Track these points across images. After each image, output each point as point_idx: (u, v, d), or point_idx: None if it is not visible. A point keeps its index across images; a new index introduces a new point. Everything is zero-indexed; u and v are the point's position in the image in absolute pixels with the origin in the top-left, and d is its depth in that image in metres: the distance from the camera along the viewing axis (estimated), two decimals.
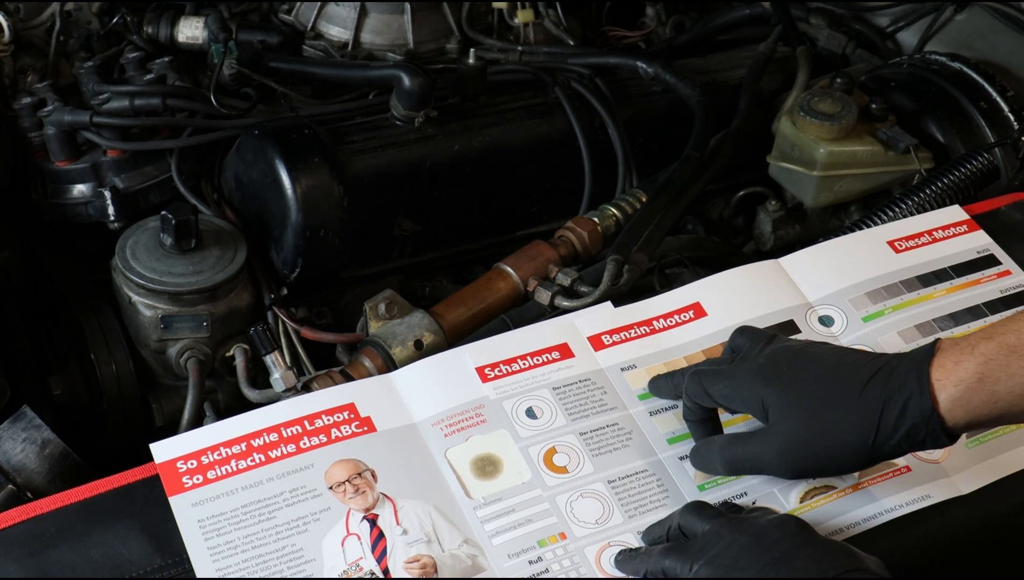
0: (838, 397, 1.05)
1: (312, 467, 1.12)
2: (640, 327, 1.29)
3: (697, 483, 1.15)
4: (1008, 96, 1.65)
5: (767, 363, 1.10)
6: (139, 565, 1.04)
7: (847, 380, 1.05)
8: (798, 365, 1.09)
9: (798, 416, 1.06)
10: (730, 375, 1.11)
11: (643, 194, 1.56)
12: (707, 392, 1.12)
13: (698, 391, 1.13)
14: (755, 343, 1.14)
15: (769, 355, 1.12)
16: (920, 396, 1.02)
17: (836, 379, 1.06)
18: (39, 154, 1.55)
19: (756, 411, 1.10)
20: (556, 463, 1.15)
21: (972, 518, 1.15)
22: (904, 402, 1.02)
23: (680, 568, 1.02)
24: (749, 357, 1.13)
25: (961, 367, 1.02)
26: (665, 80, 1.68)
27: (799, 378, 1.08)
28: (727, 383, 1.11)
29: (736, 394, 1.10)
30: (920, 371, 1.03)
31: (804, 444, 1.06)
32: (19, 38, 1.63)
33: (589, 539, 1.10)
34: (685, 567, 1.02)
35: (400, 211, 1.53)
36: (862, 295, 1.33)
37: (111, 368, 1.43)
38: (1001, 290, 1.36)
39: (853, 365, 1.07)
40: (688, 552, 1.03)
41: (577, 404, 1.21)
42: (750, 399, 1.09)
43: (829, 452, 1.05)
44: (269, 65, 1.61)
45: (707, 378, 1.13)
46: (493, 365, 1.23)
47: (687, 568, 1.02)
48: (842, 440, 1.05)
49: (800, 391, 1.07)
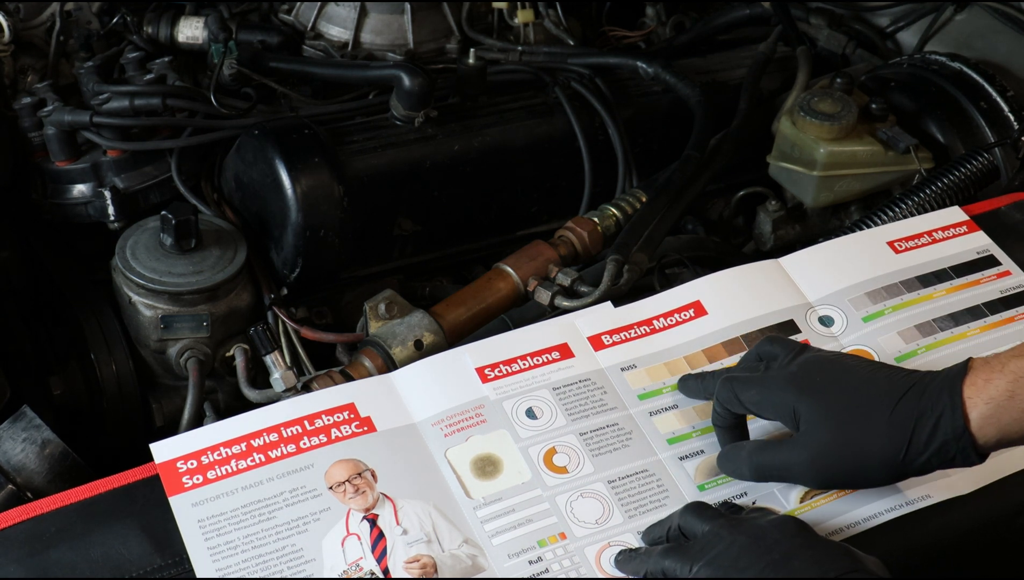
0: (871, 411, 1.05)
1: (312, 467, 1.12)
2: (640, 327, 1.29)
3: (697, 483, 1.16)
4: (1008, 96, 1.65)
5: (800, 372, 1.11)
6: (139, 565, 1.04)
7: (881, 394, 1.06)
8: (831, 376, 1.09)
9: (830, 427, 1.06)
10: (762, 383, 1.12)
11: (643, 194, 1.56)
12: (738, 398, 1.12)
13: (729, 397, 1.13)
14: (786, 352, 1.15)
15: (802, 364, 1.12)
16: (952, 413, 1.02)
17: (869, 393, 1.07)
18: (39, 154, 1.55)
19: (787, 419, 1.10)
20: (556, 463, 1.15)
21: (972, 518, 1.15)
22: (936, 419, 1.03)
23: (680, 568, 1.02)
24: (781, 365, 1.13)
25: (992, 385, 1.02)
26: (665, 80, 1.68)
27: (832, 389, 1.08)
28: (759, 390, 1.11)
29: (768, 401, 1.11)
30: (953, 389, 1.03)
31: (835, 455, 1.06)
32: (19, 38, 1.63)
33: (589, 539, 1.10)
34: (685, 567, 1.02)
35: (400, 211, 1.53)
36: (862, 295, 1.33)
37: (111, 368, 1.43)
38: (1001, 290, 1.36)
39: (886, 380, 1.08)
40: (688, 553, 1.03)
41: (577, 404, 1.21)
42: (782, 407, 1.09)
43: (859, 465, 1.06)
44: (269, 65, 1.61)
45: (739, 384, 1.13)
46: (493, 365, 1.23)
47: (687, 568, 1.02)
48: (873, 453, 1.05)
49: (833, 402, 1.07)
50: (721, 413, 1.15)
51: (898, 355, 1.28)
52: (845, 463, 1.07)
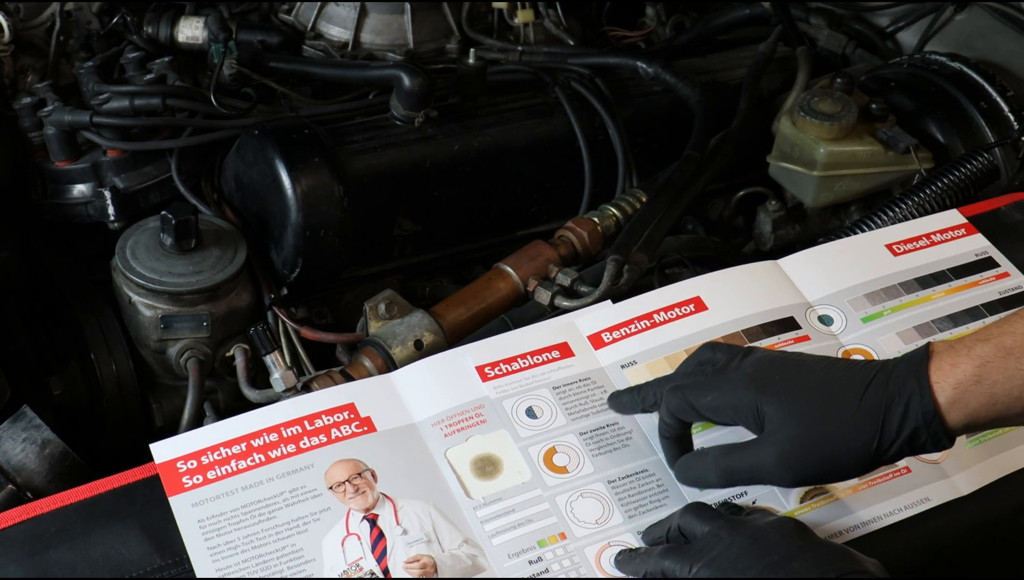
0: (838, 403, 1.04)
1: (312, 467, 1.12)
2: (640, 321, 1.29)
3: None
4: (1008, 96, 1.65)
5: (756, 372, 1.08)
6: (139, 565, 1.04)
7: (845, 386, 1.05)
8: (789, 372, 1.07)
9: (798, 423, 1.04)
10: (717, 386, 1.09)
11: (643, 194, 1.56)
12: (692, 406, 1.09)
13: (681, 406, 1.10)
14: (732, 355, 1.12)
15: (755, 363, 1.09)
16: (921, 399, 1.01)
17: (832, 386, 1.05)
18: (39, 154, 1.55)
19: (749, 421, 1.07)
20: (556, 463, 1.15)
21: (972, 518, 1.15)
22: (905, 405, 1.02)
23: (680, 569, 1.02)
24: (733, 368, 1.10)
25: (958, 369, 1.01)
26: (665, 80, 1.68)
27: (794, 385, 1.06)
28: (715, 394, 1.08)
29: (727, 404, 1.08)
30: (919, 374, 1.02)
31: (806, 451, 1.04)
32: (19, 38, 1.63)
33: (589, 539, 1.10)
34: (685, 568, 1.02)
35: (400, 211, 1.53)
36: (861, 297, 1.33)
37: (111, 368, 1.43)
38: (1000, 292, 1.36)
39: (846, 370, 1.06)
40: (688, 553, 1.03)
41: (577, 404, 1.21)
42: (743, 408, 1.07)
43: (831, 458, 1.04)
44: (269, 65, 1.61)
45: (691, 391, 1.09)
46: (493, 364, 1.23)
47: (687, 569, 1.02)
48: (845, 446, 1.04)
49: (798, 398, 1.05)
50: (671, 423, 1.12)
51: (897, 356, 1.27)
52: (817, 458, 1.04)
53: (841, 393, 1.04)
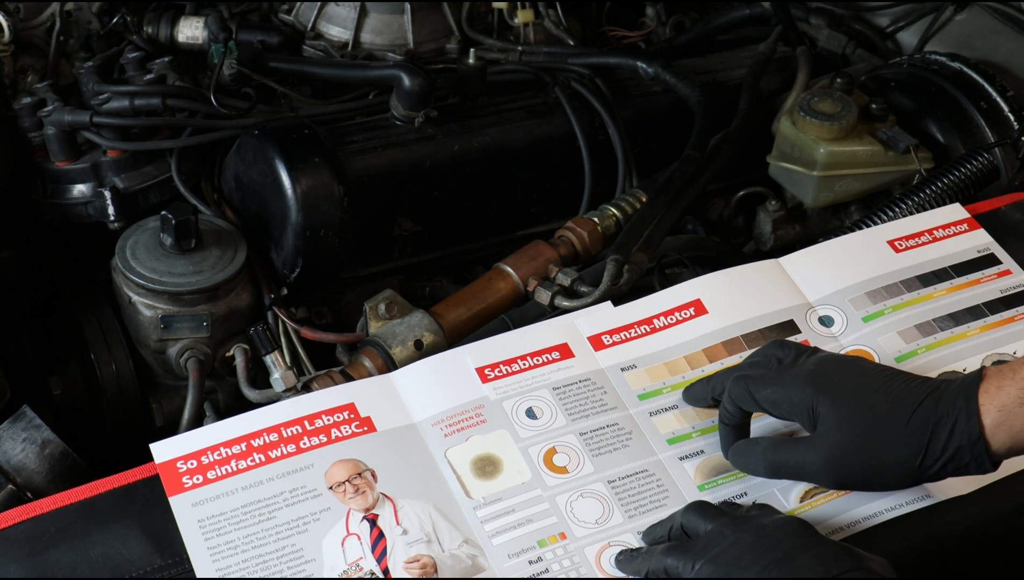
0: (890, 416, 1.06)
1: (312, 467, 1.12)
2: (640, 326, 1.29)
3: (697, 483, 1.16)
4: (1008, 96, 1.64)
5: (818, 370, 1.11)
6: (139, 565, 1.04)
7: (899, 399, 1.07)
8: (850, 378, 1.10)
9: (848, 429, 1.07)
10: (779, 380, 1.11)
11: (643, 194, 1.56)
12: (753, 396, 1.12)
13: (743, 395, 1.13)
14: (799, 352, 1.15)
15: (819, 363, 1.12)
16: (968, 420, 1.03)
17: (888, 398, 1.07)
18: (39, 154, 1.55)
19: (804, 418, 1.10)
20: (556, 463, 1.15)
21: (972, 518, 1.15)
22: (952, 425, 1.04)
23: (682, 567, 1.02)
24: (798, 364, 1.13)
25: (1003, 392, 1.03)
26: (665, 80, 1.68)
27: (851, 391, 1.08)
28: (775, 388, 1.11)
29: (785, 399, 1.10)
30: (968, 395, 1.04)
31: (851, 458, 1.06)
32: (19, 38, 1.63)
33: (589, 539, 1.10)
34: (687, 566, 1.02)
35: (400, 211, 1.53)
36: (862, 295, 1.33)
37: (111, 368, 1.43)
38: (1001, 290, 1.36)
39: (903, 385, 1.08)
40: (690, 551, 1.03)
41: (577, 404, 1.21)
42: (800, 405, 1.09)
43: (875, 468, 1.06)
44: (269, 65, 1.61)
45: (753, 382, 1.12)
46: (493, 365, 1.23)
47: (689, 567, 1.02)
48: (890, 458, 1.06)
49: (852, 404, 1.07)
50: (732, 411, 1.15)
51: (898, 355, 1.28)
52: (861, 465, 1.07)
53: (894, 406, 1.06)
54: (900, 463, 1.05)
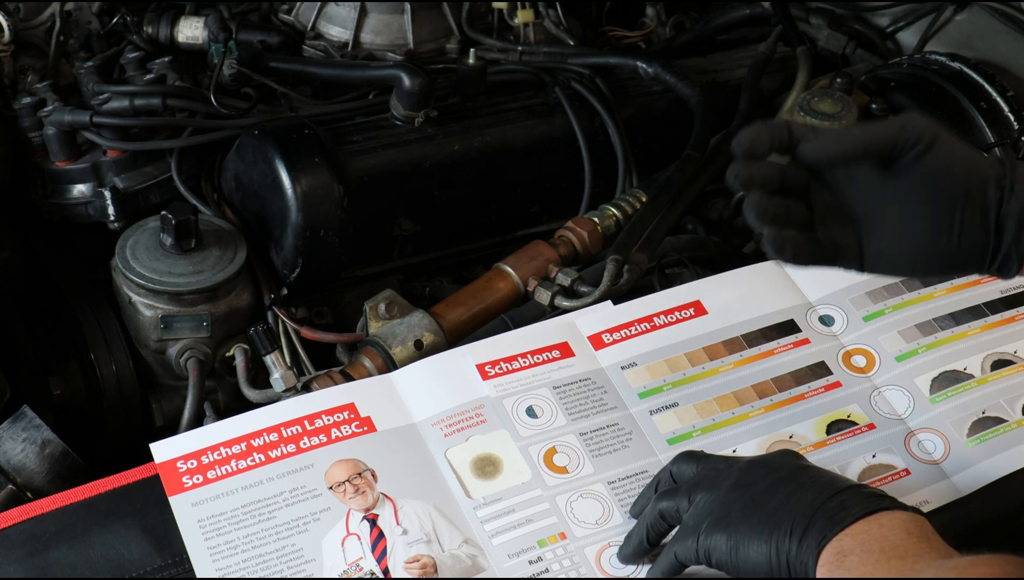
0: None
1: (312, 467, 1.12)
2: (640, 324, 1.29)
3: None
4: (1008, 96, 1.64)
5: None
6: (139, 565, 1.04)
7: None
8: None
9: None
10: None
11: (643, 194, 1.56)
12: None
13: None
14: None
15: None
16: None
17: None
18: (39, 154, 1.55)
19: None
20: (556, 463, 1.15)
21: (972, 518, 1.15)
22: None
23: (679, 503, 1.01)
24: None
25: None
26: (665, 80, 1.68)
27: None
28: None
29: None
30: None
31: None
32: (19, 38, 1.63)
33: (589, 539, 1.10)
34: (684, 500, 1.01)
35: (400, 211, 1.53)
36: (863, 294, 1.33)
37: (111, 368, 1.43)
38: (1001, 290, 1.36)
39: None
40: (684, 488, 1.02)
41: (577, 404, 1.21)
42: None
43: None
44: (269, 65, 1.61)
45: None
46: (493, 362, 1.23)
47: (685, 500, 1.01)
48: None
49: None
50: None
51: (898, 354, 1.28)
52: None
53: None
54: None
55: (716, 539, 0.97)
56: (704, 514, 0.99)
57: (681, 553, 1.00)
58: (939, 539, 0.92)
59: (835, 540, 0.92)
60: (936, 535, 0.93)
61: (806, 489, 0.96)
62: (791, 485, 0.97)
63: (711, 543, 0.97)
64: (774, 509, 0.95)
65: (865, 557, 0.90)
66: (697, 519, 0.99)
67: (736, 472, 1.01)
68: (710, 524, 0.98)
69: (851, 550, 0.91)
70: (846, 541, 0.92)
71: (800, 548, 0.93)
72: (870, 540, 0.91)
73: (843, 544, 0.92)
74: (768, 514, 0.95)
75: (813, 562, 0.92)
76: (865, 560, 0.90)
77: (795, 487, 0.97)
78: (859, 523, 0.92)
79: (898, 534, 0.91)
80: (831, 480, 0.98)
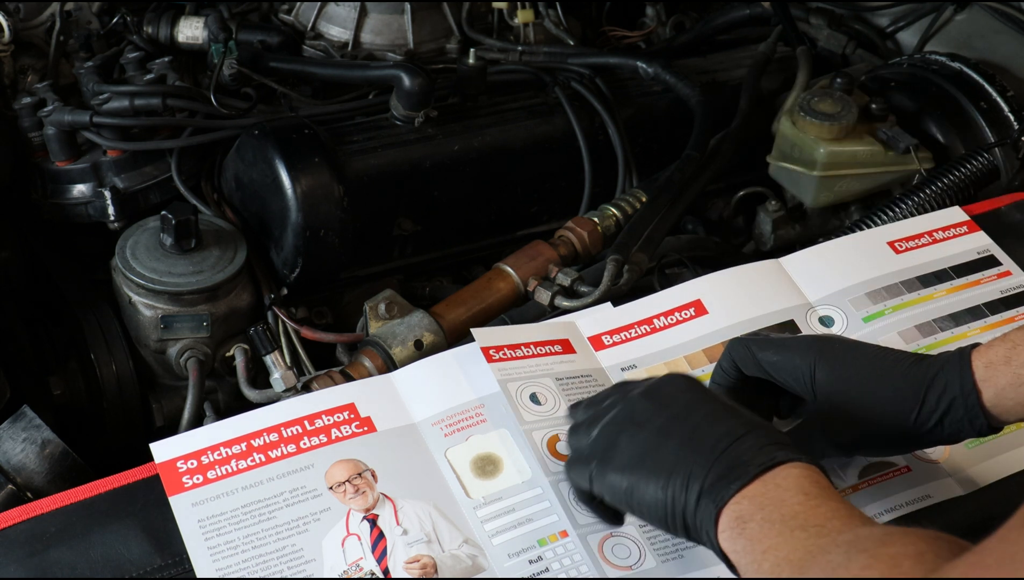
0: (887, 372, 1.08)
1: (312, 467, 1.12)
2: (641, 326, 1.29)
3: None
4: (1008, 96, 1.65)
5: (818, 340, 1.12)
6: (139, 565, 1.04)
7: (897, 360, 1.09)
8: (849, 344, 1.12)
9: (848, 388, 1.08)
10: (781, 344, 1.12)
11: (643, 194, 1.56)
12: (755, 357, 1.12)
13: (744, 355, 1.13)
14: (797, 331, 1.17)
15: (820, 335, 1.17)
16: (961, 372, 1.06)
17: (886, 359, 1.09)
18: (39, 154, 1.55)
19: (803, 382, 1.10)
20: (559, 451, 1.15)
21: (972, 518, 1.15)
22: (946, 379, 1.06)
23: (582, 442, 1.03)
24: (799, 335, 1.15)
25: (992, 350, 1.06)
26: (665, 80, 1.68)
27: (850, 355, 1.10)
28: (777, 351, 1.12)
29: (786, 363, 1.11)
30: (962, 353, 1.07)
31: (848, 417, 1.08)
32: (19, 38, 1.63)
33: (591, 527, 1.09)
34: (585, 437, 1.03)
35: (400, 211, 1.53)
36: (862, 295, 1.33)
37: (111, 368, 1.43)
38: (1001, 290, 1.36)
39: (899, 353, 1.11)
40: (587, 421, 1.04)
41: (580, 397, 1.20)
42: (800, 368, 1.10)
43: (871, 424, 1.07)
44: (269, 65, 1.61)
45: (756, 344, 1.13)
46: (498, 347, 1.22)
47: (587, 437, 1.02)
48: (886, 413, 1.07)
49: (851, 366, 1.09)
50: (728, 371, 1.14)
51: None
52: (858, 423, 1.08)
53: (892, 365, 1.08)
54: (897, 417, 1.06)
55: (612, 478, 0.99)
56: (599, 448, 1.01)
57: (574, 478, 1.04)
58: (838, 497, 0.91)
59: (733, 502, 0.91)
60: (833, 490, 0.92)
61: (701, 434, 0.96)
62: (685, 426, 0.97)
63: (606, 482, 1.00)
64: (669, 453, 0.96)
65: (767, 527, 0.89)
66: (591, 451, 1.02)
67: (630, 405, 1.01)
68: (605, 461, 1.00)
69: (751, 516, 0.90)
70: (744, 504, 0.91)
71: (698, 507, 0.93)
72: (769, 504, 0.90)
73: (742, 508, 0.91)
74: (663, 460, 0.96)
75: (713, 527, 0.92)
76: (767, 530, 0.89)
77: (689, 430, 0.97)
78: (756, 483, 0.91)
79: (796, 496, 0.90)
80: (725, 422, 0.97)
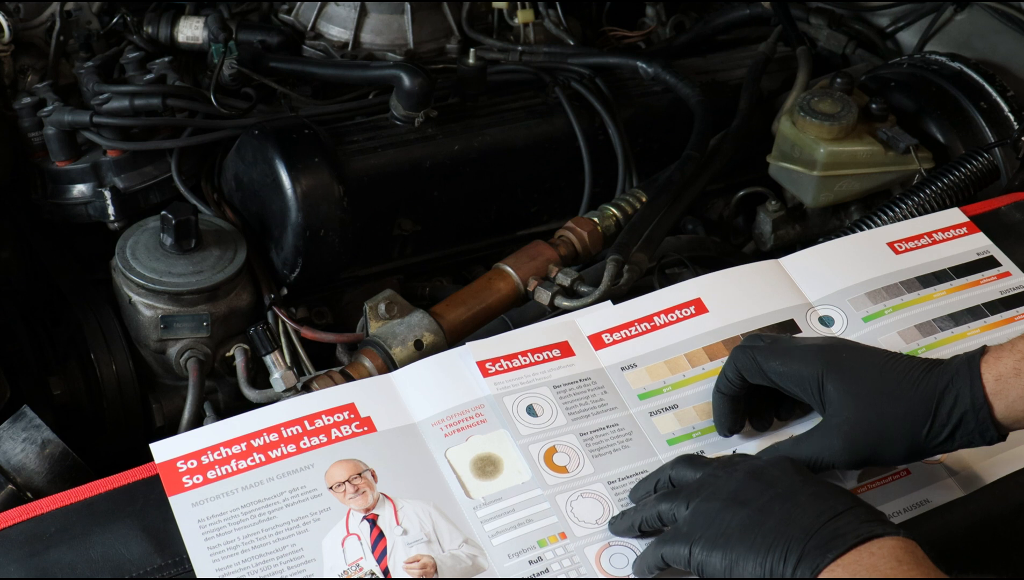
0: (897, 386, 1.07)
1: (312, 467, 1.12)
2: (641, 324, 1.29)
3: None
4: (1008, 96, 1.65)
5: (826, 348, 1.12)
6: (139, 565, 1.04)
7: (906, 371, 1.08)
8: (856, 355, 1.11)
9: (858, 404, 1.08)
10: (788, 353, 1.12)
11: (643, 194, 1.56)
12: (760, 367, 1.12)
13: (748, 365, 1.13)
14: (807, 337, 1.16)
15: (826, 341, 1.14)
16: (971, 386, 1.05)
17: (894, 372, 1.08)
18: (39, 154, 1.55)
19: (810, 392, 1.10)
20: (556, 462, 1.15)
21: (972, 518, 1.15)
22: (957, 392, 1.06)
23: (676, 508, 1.02)
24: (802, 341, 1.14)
25: (1001, 362, 1.06)
26: (665, 80, 1.68)
27: (859, 366, 1.09)
28: (783, 360, 1.11)
29: (792, 372, 1.11)
30: (972, 365, 1.07)
31: (864, 431, 1.07)
32: (19, 38, 1.63)
33: (589, 539, 1.10)
34: (681, 506, 1.02)
35: (400, 211, 1.53)
36: (862, 295, 1.33)
37: (111, 368, 1.43)
38: (1001, 291, 1.36)
39: (908, 361, 1.10)
40: (684, 492, 1.03)
41: (577, 404, 1.20)
42: (807, 380, 1.10)
43: (885, 440, 1.07)
44: (269, 65, 1.61)
45: (760, 353, 1.12)
46: (494, 360, 1.23)
47: (683, 507, 1.02)
48: (899, 429, 1.06)
49: (861, 379, 1.08)
50: (732, 380, 1.14)
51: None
52: (872, 439, 1.07)
53: (900, 379, 1.08)
54: (908, 433, 1.06)
55: (712, 556, 0.98)
56: (699, 525, 1.00)
57: (670, 556, 1.02)
58: (930, 564, 0.93)
59: (827, 571, 0.93)
60: (927, 560, 0.94)
61: (802, 511, 0.97)
62: (787, 504, 0.98)
63: (706, 559, 0.99)
64: (769, 530, 0.96)
65: None
66: (691, 528, 1.01)
67: (734, 483, 1.01)
68: (706, 539, 0.99)
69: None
70: (838, 572, 0.92)
71: (794, 576, 0.94)
72: (861, 571, 0.92)
73: (835, 574, 0.92)
74: (763, 535, 0.96)
75: None
76: None
77: (791, 507, 0.97)
78: (851, 553, 0.93)
79: (888, 563, 0.92)
80: (827, 500, 0.98)
